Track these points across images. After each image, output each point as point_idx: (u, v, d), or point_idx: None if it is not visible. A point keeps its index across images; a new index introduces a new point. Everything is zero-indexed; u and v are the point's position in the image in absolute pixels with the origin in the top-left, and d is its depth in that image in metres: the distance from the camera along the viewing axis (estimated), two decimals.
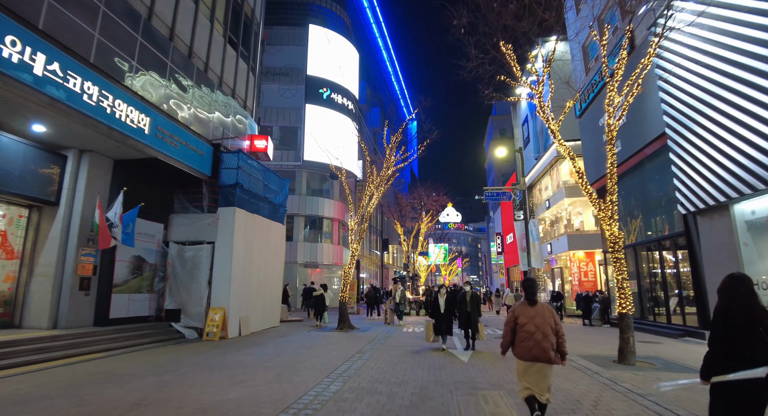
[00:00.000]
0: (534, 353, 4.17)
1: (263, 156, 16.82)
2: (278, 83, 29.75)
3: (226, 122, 14.54)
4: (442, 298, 10.29)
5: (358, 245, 14.29)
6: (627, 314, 7.87)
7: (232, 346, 10.24)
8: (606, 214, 8.35)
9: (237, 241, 12.42)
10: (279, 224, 15.81)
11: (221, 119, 14.20)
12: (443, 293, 10.44)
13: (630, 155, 14.90)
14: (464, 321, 10.09)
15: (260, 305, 13.80)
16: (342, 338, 11.73)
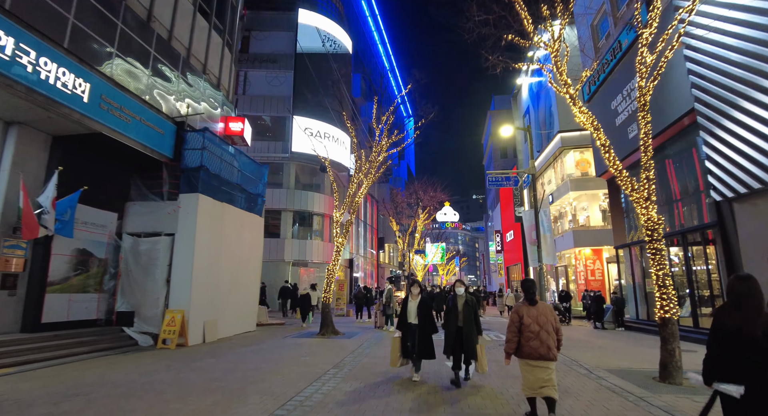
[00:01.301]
0: (541, 352, 4.32)
1: (240, 141, 15.13)
2: (266, 70, 28.04)
3: (195, 100, 12.85)
4: (413, 301, 6.65)
5: (344, 239, 12.64)
6: (671, 318, 6.25)
7: (187, 357, 8.57)
8: (641, 195, 6.72)
9: (201, 232, 10.75)
10: (256, 216, 14.13)
11: (189, 96, 12.51)
12: (415, 294, 6.74)
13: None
14: (452, 342, 6.26)
15: (232, 308, 12.11)
16: (320, 346, 10.07)
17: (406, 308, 6.65)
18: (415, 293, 6.75)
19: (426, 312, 6.50)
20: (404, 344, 6.51)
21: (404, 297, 6.97)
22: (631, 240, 15.26)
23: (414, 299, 6.67)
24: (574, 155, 23.26)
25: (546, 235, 10.94)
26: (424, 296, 6.76)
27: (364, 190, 13.35)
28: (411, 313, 6.58)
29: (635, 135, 13.81)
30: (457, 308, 6.32)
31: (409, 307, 6.63)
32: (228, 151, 12.84)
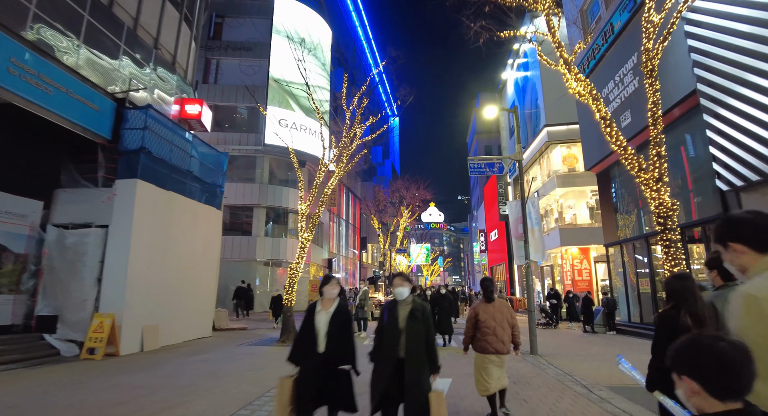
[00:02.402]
0: (497, 347, 4.45)
1: (198, 126, 13.68)
2: (240, 59, 26.51)
3: (143, 77, 11.37)
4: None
5: (311, 234, 11.30)
6: None
7: (112, 370, 7.15)
8: (650, 175, 5.58)
9: (140, 224, 9.31)
10: (214, 209, 12.69)
11: (134, 72, 11.03)
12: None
13: (643, 128, 12.23)
14: (383, 388, 3.41)
15: (181, 311, 10.68)
16: (276, 357, 8.72)
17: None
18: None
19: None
20: (304, 387, 3.47)
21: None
22: (624, 237, 14.26)
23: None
24: (561, 150, 22.33)
25: (534, 228, 9.73)
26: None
27: (334, 180, 12.05)
28: (320, 332, 3.54)
29: (629, 123, 12.81)
30: (396, 324, 3.42)
31: (317, 322, 3.59)
32: (181, 135, 11.41)
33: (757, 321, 1.35)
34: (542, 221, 25.74)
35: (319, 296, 3.70)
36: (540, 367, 7.38)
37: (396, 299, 3.52)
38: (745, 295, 1.40)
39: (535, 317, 10.41)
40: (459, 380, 6.24)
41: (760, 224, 1.49)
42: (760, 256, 1.48)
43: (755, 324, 1.35)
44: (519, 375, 6.71)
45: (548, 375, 6.68)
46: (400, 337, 3.36)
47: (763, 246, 1.47)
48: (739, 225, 1.54)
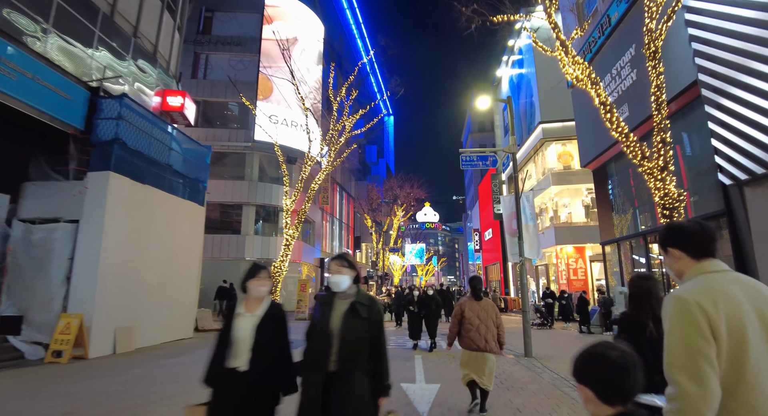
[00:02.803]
0: (479, 344, 4.54)
1: (180, 119, 13.15)
2: (229, 54, 25.93)
3: (120, 67, 10.84)
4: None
5: (296, 231, 10.81)
6: None
7: (73, 374, 6.65)
8: (655, 164, 5.16)
9: (113, 219, 8.79)
10: (196, 204, 12.16)
11: (111, 61, 10.49)
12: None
13: (642, 120, 11.85)
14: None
15: (159, 311, 10.16)
16: None
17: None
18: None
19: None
20: None
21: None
22: (621, 235, 13.88)
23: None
24: (556, 147, 21.99)
25: (528, 224, 9.28)
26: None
27: (321, 175, 11.57)
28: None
29: (627, 117, 12.40)
30: (327, 323, 2.43)
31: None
32: (160, 127, 10.89)
33: (685, 323, 1.40)
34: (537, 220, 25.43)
35: (242, 293, 2.63)
36: (535, 371, 6.94)
37: (332, 290, 2.51)
38: (676, 298, 1.45)
39: (530, 317, 9.99)
40: (447, 386, 5.79)
41: (697, 232, 1.58)
42: (694, 262, 1.56)
43: (683, 326, 1.40)
44: (513, 380, 6.27)
45: (544, 380, 6.24)
46: (332, 342, 2.35)
47: (698, 253, 1.56)
48: (679, 232, 1.63)
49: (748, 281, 1.51)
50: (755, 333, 1.38)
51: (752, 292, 1.45)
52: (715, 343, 1.36)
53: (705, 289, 1.45)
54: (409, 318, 10.33)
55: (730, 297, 1.42)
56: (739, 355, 1.35)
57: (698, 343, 1.36)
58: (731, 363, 1.36)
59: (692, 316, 1.39)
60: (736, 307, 1.40)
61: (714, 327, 1.37)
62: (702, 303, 1.40)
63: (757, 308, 1.42)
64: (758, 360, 1.35)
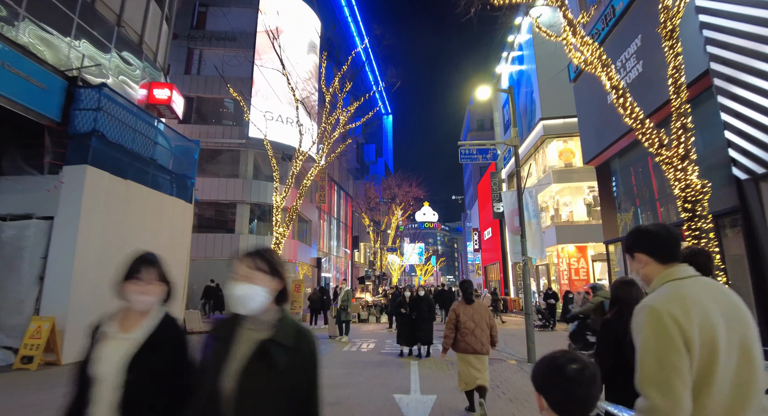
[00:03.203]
0: (475, 347, 4.62)
1: (168, 113, 12.64)
2: (224, 49, 25.41)
3: (102, 57, 10.32)
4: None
5: (286, 229, 10.32)
6: None
7: (37, 383, 6.17)
8: (674, 152, 4.67)
9: (90, 215, 8.28)
10: (182, 201, 11.63)
11: (93, 50, 9.98)
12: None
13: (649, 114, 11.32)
14: None
15: None
16: None
17: None
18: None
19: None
20: None
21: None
22: (625, 234, 13.38)
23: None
24: (557, 144, 21.51)
25: (532, 221, 8.71)
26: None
27: (314, 171, 11.07)
28: None
29: None
30: (218, 372, 1.38)
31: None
32: (144, 120, 10.38)
33: (657, 334, 1.37)
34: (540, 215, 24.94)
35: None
36: None
37: (235, 312, 1.47)
38: (648, 308, 1.42)
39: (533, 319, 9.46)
40: (445, 397, 5.29)
41: (663, 236, 1.55)
42: (662, 267, 1.53)
43: (656, 337, 1.37)
44: (516, 390, 5.78)
45: None
46: (220, 409, 1.34)
47: (665, 258, 1.53)
48: (646, 237, 1.60)
49: (716, 287, 1.47)
50: (725, 343, 1.34)
51: (721, 299, 1.42)
52: (688, 354, 1.32)
53: (677, 298, 1.41)
54: (398, 322, 9.48)
55: (702, 306, 1.37)
56: (708, 365, 1.32)
57: (670, 356, 1.33)
58: (700, 373, 1.33)
59: (665, 327, 1.36)
60: (709, 316, 1.36)
61: (687, 338, 1.34)
62: (674, 314, 1.36)
63: (727, 317, 1.38)
64: (725, 370, 1.33)
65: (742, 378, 1.33)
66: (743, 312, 1.41)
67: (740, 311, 1.41)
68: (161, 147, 10.79)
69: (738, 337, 1.36)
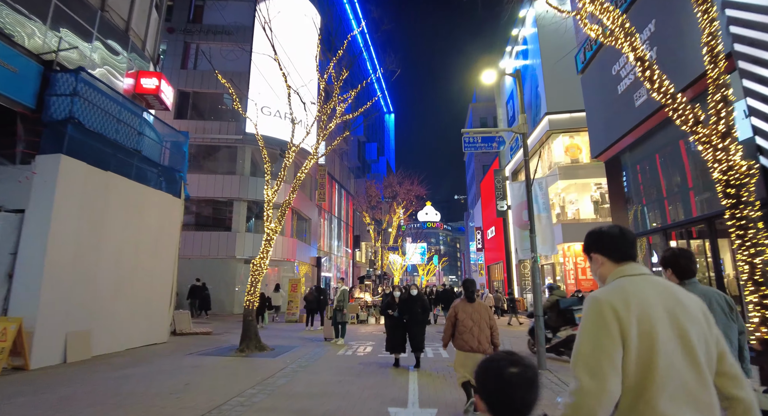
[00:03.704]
0: (472, 345, 4.67)
1: (156, 103, 12.05)
2: (221, 43, 24.86)
3: (83, 44, 9.73)
4: None
5: (278, 225, 9.73)
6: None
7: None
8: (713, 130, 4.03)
9: (64, 208, 7.70)
10: (170, 196, 11.03)
11: (72, 35, 9.39)
12: None
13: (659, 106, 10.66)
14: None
15: (122, 313, 9.06)
16: (223, 371, 7.12)
17: None
18: None
19: None
20: None
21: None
22: (638, 231, 12.73)
23: None
24: (563, 139, 20.82)
25: (541, 215, 7.99)
26: None
27: (308, 163, 10.47)
28: None
29: (644, 101, 11.28)
30: None
31: None
32: (128, 108, 9.79)
33: (595, 322, 1.42)
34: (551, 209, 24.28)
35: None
36: (552, 389, 5.80)
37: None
38: (591, 298, 1.49)
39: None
40: (445, 411, 4.67)
41: (616, 237, 1.61)
42: (615, 265, 1.59)
43: (593, 325, 1.43)
44: None
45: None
46: None
47: (619, 257, 1.58)
48: (600, 238, 1.66)
49: (664, 284, 1.51)
50: (666, 337, 1.39)
51: (667, 296, 1.46)
52: (622, 344, 1.38)
53: (619, 291, 1.47)
54: (387, 326, 8.01)
55: (643, 300, 1.43)
56: (648, 357, 1.36)
57: (604, 342, 1.38)
58: (640, 365, 1.37)
59: (603, 316, 1.42)
60: (649, 310, 1.41)
61: (623, 329, 1.39)
62: (614, 305, 1.42)
63: (671, 313, 1.42)
64: (668, 364, 1.36)
65: (687, 373, 1.36)
66: (691, 310, 1.44)
67: (688, 309, 1.44)
68: (148, 139, 10.21)
69: (680, 333, 1.39)
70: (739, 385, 1.44)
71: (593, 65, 14.60)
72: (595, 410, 1.31)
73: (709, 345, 1.42)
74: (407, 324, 7.65)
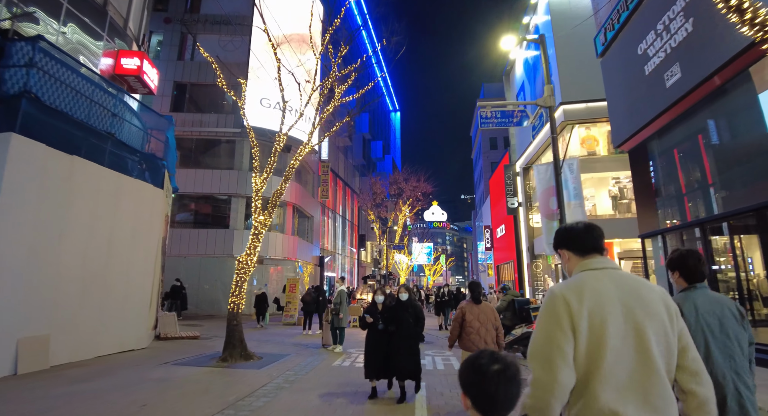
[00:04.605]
0: (479, 345, 4.67)
1: (140, 86, 11.04)
2: (219, 34, 23.91)
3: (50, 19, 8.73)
4: None
5: (268, 218, 8.67)
6: None
7: None
8: None
9: (16, 194, 6.68)
10: (150, 186, 9.97)
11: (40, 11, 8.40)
12: None
13: (702, 81, 9.47)
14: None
15: (90, 316, 8.01)
16: (194, 386, 6.04)
17: None
18: None
19: None
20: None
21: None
22: (667, 226, 11.50)
23: None
24: (579, 131, 19.58)
25: (572, 202, 6.75)
26: None
27: (303, 150, 9.41)
28: None
29: (678, 79, 10.07)
30: None
31: None
32: (102, 88, 8.77)
33: (549, 315, 1.46)
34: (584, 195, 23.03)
35: None
36: None
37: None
38: (549, 291, 1.54)
39: None
40: None
41: (580, 233, 1.65)
42: (580, 259, 1.63)
43: (547, 317, 1.47)
44: None
45: None
46: None
47: (583, 252, 1.63)
48: (564, 234, 1.71)
49: (627, 279, 1.52)
50: (617, 330, 1.39)
51: (626, 290, 1.47)
52: (573, 336, 1.40)
53: (576, 285, 1.49)
54: (367, 340, 5.85)
55: (597, 293, 1.45)
56: (597, 349, 1.38)
57: (555, 335, 1.41)
58: (589, 357, 1.39)
59: (556, 309, 1.45)
60: (602, 303, 1.43)
61: (574, 322, 1.41)
62: (567, 298, 1.45)
63: (627, 306, 1.43)
64: (616, 356, 1.37)
65: (637, 366, 1.38)
66: (650, 304, 1.44)
67: (647, 303, 1.44)
68: (127, 123, 9.19)
69: (635, 326, 1.40)
70: (698, 381, 1.44)
71: (615, 46, 13.38)
72: (548, 400, 1.36)
73: (670, 340, 1.43)
74: (392, 339, 5.55)
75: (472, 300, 4.95)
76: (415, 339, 5.66)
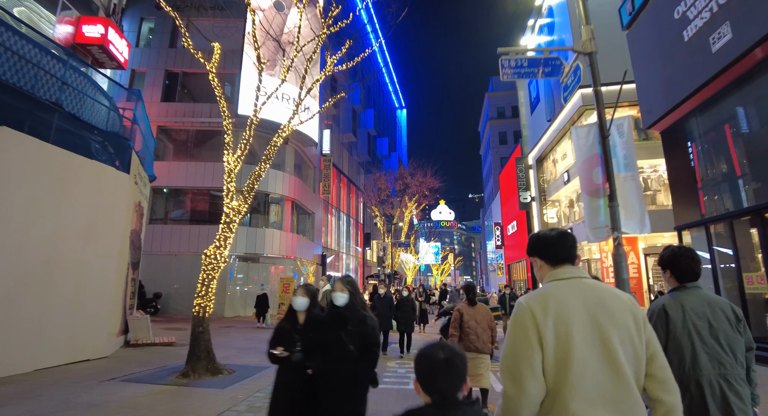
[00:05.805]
0: (477, 345, 4.78)
1: (106, 59, 9.72)
2: (213, 19, 22.68)
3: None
4: None
5: (243, 204, 7.32)
6: None
7: None
8: None
9: None
10: (111, 169, 8.61)
11: None
12: None
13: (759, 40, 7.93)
14: None
15: (30, 321, 6.68)
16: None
17: None
18: None
19: None
20: None
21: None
22: (713, 214, 9.95)
23: None
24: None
25: (622, 175, 5.26)
26: None
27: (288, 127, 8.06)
28: None
29: (729, 40, 8.54)
30: None
31: None
32: (50, 53, 7.45)
33: (516, 327, 1.45)
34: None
35: None
36: None
37: None
38: (517, 303, 1.50)
39: None
40: None
41: (551, 241, 1.60)
42: (551, 268, 1.59)
43: (514, 329, 1.45)
44: None
45: None
46: None
47: (554, 261, 1.58)
48: (536, 242, 1.65)
49: (593, 288, 1.48)
50: (584, 340, 1.37)
51: (592, 299, 1.44)
52: (540, 348, 1.38)
53: (542, 295, 1.46)
54: (275, 383, 3.34)
55: (563, 303, 1.42)
56: (564, 360, 1.35)
57: (522, 347, 1.40)
58: (557, 367, 1.36)
59: (522, 321, 1.43)
60: (567, 313, 1.40)
61: (540, 332, 1.39)
62: (533, 309, 1.43)
63: (593, 316, 1.40)
64: (583, 366, 1.35)
65: (605, 375, 1.34)
66: (615, 313, 1.41)
67: (612, 312, 1.41)
68: (74, 91, 7.84)
69: (601, 336, 1.37)
70: (665, 389, 1.41)
71: (645, 14, 11.84)
72: (517, 412, 1.36)
73: (637, 348, 1.40)
74: (317, 382, 3.07)
75: (467, 302, 5.04)
76: (357, 384, 3.02)
